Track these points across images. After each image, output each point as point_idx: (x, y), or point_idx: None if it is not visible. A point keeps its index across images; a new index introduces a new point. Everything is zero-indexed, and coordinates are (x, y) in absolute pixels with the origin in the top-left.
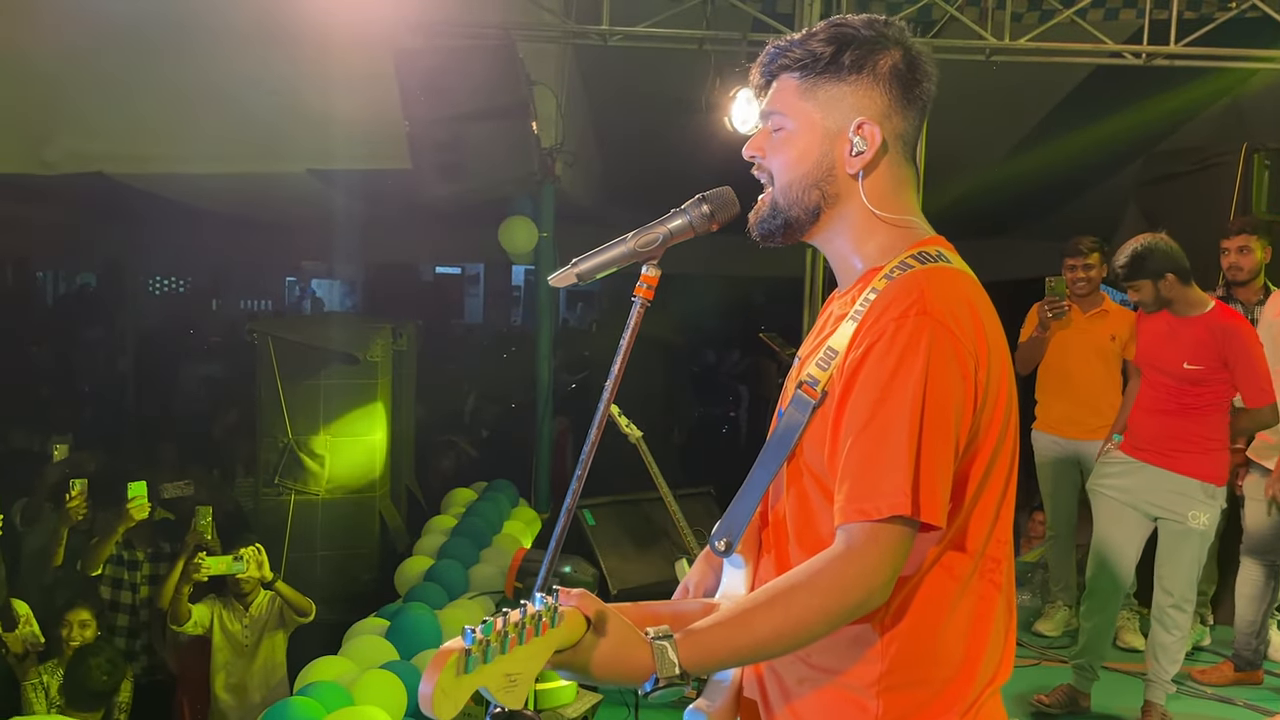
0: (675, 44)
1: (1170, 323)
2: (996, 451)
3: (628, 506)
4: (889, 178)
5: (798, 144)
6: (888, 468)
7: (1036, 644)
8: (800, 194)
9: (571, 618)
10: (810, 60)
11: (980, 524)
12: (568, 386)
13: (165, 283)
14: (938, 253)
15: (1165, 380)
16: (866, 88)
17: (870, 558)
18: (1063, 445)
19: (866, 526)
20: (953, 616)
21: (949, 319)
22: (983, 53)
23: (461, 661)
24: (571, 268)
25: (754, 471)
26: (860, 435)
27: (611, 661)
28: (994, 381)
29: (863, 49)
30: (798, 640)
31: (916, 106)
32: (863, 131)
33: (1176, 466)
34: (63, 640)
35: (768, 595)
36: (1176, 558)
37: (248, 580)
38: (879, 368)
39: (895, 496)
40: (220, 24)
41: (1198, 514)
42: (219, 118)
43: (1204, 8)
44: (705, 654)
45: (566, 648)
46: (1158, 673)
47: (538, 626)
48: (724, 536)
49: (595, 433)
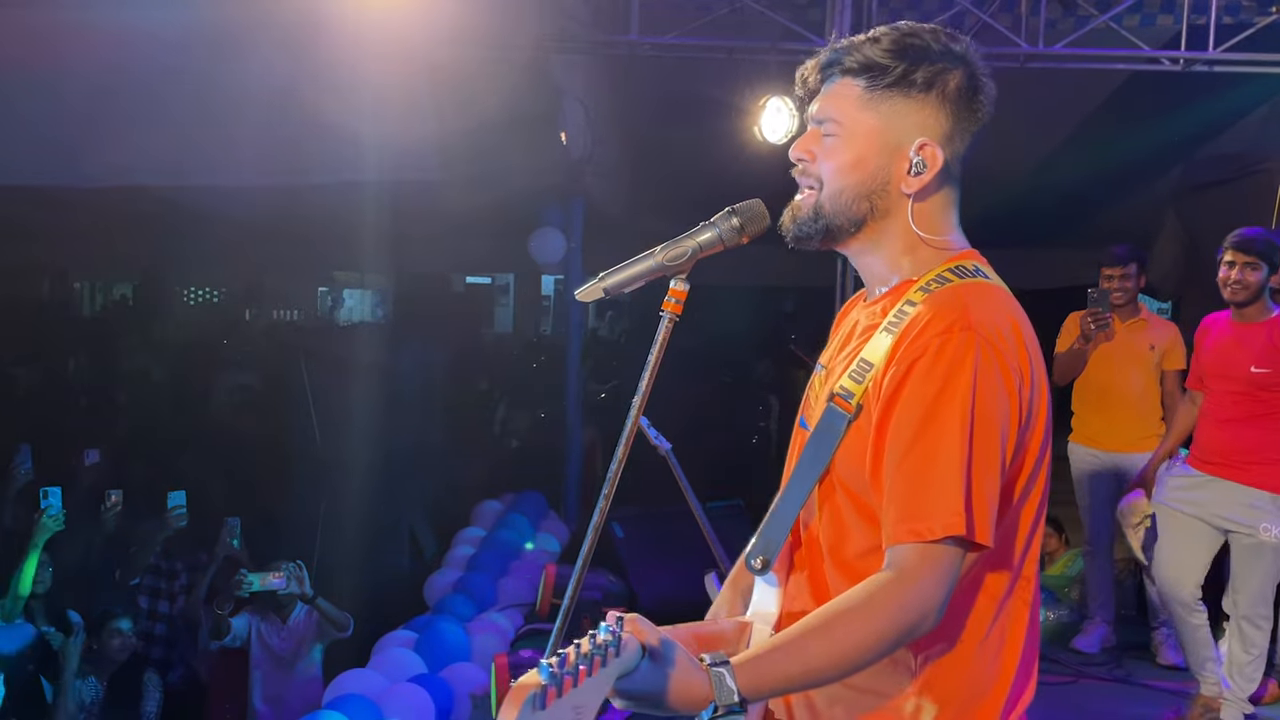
0: (704, 53)
1: (1236, 329)
2: (1036, 469)
3: (657, 519)
4: (939, 200)
5: (853, 151)
6: (939, 487)
7: (1074, 661)
8: (850, 203)
9: (629, 644)
10: (878, 71)
11: (1017, 542)
12: (597, 397)
13: (200, 293)
14: (975, 267)
15: (1232, 388)
16: (933, 107)
17: (925, 580)
18: (1101, 458)
19: (919, 548)
20: (988, 636)
21: (993, 334)
22: (1017, 59)
23: (539, 697)
24: (599, 282)
25: (788, 487)
26: (908, 454)
27: (671, 690)
28: (1037, 397)
29: (934, 67)
30: (853, 666)
31: (975, 128)
32: (925, 152)
33: (1246, 479)
34: (97, 651)
35: (821, 620)
36: (1249, 572)
37: (287, 595)
38: (924, 385)
39: (949, 517)
40: (252, 36)
41: (1269, 526)
42: (252, 130)
43: (1242, 13)
44: (762, 680)
45: (625, 675)
46: (1234, 691)
47: (605, 657)
48: (760, 555)
49: (623, 448)
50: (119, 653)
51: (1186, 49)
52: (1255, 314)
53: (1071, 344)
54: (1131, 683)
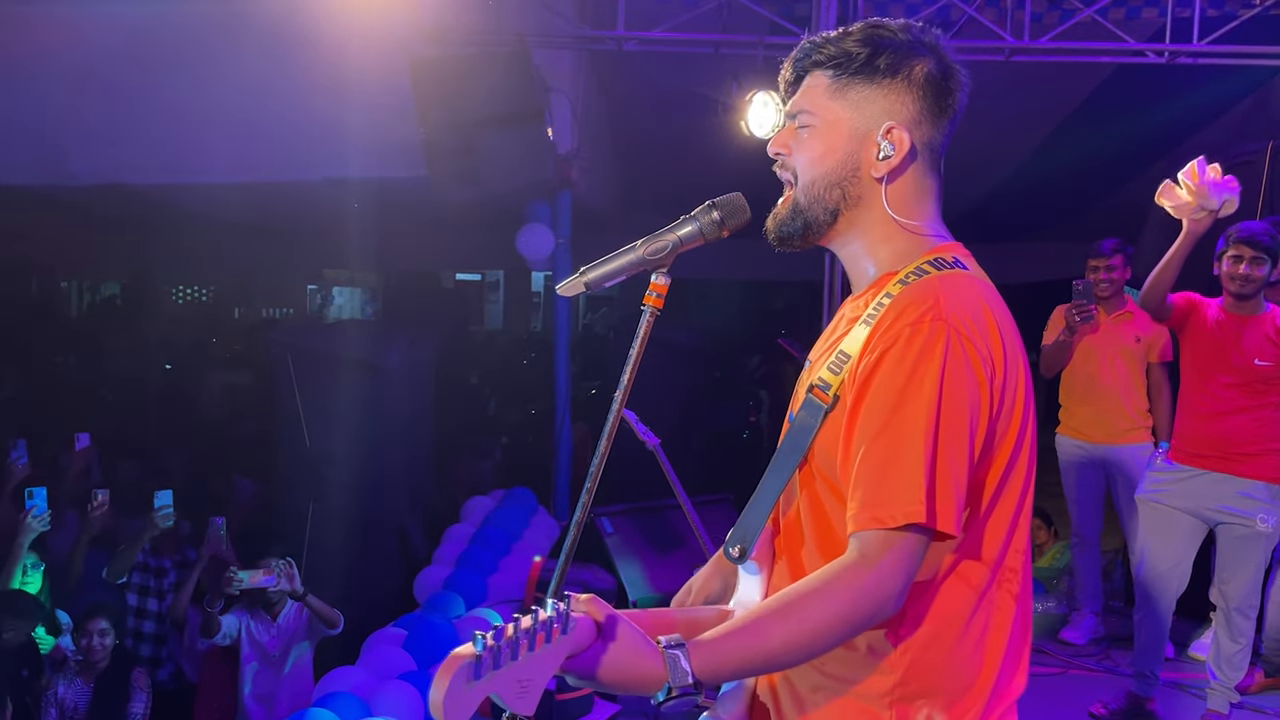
0: (691, 48)
1: (1235, 321)
2: (1013, 459)
3: (646, 514)
4: (913, 185)
5: (823, 141)
6: (902, 475)
7: (1063, 652)
8: (822, 191)
9: (582, 624)
10: (844, 59)
11: (997, 533)
12: (588, 392)
13: (188, 291)
14: (954, 259)
15: (1229, 381)
16: (899, 92)
17: (884, 566)
18: (1088, 449)
19: (880, 534)
20: (969, 627)
21: (964, 325)
22: (1003, 53)
23: (472, 667)
24: (579, 276)
25: (766, 477)
26: (874, 442)
27: (623, 669)
28: (1010, 388)
29: (899, 53)
30: (811, 649)
31: (947, 116)
32: (891, 136)
33: (1241, 470)
34: (83, 649)
35: (780, 604)
36: (1239, 562)
37: (277, 592)
38: (893, 374)
39: (910, 504)
40: (237, 34)
41: (1265, 517)
42: (238, 128)
43: (1227, 5)
44: (718, 663)
45: (577, 653)
46: (1222, 681)
47: (549, 633)
48: (738, 543)
49: (605, 444)
50: (99, 654)
51: (1171, 41)
52: (1253, 308)
53: (1057, 336)
54: (1119, 674)
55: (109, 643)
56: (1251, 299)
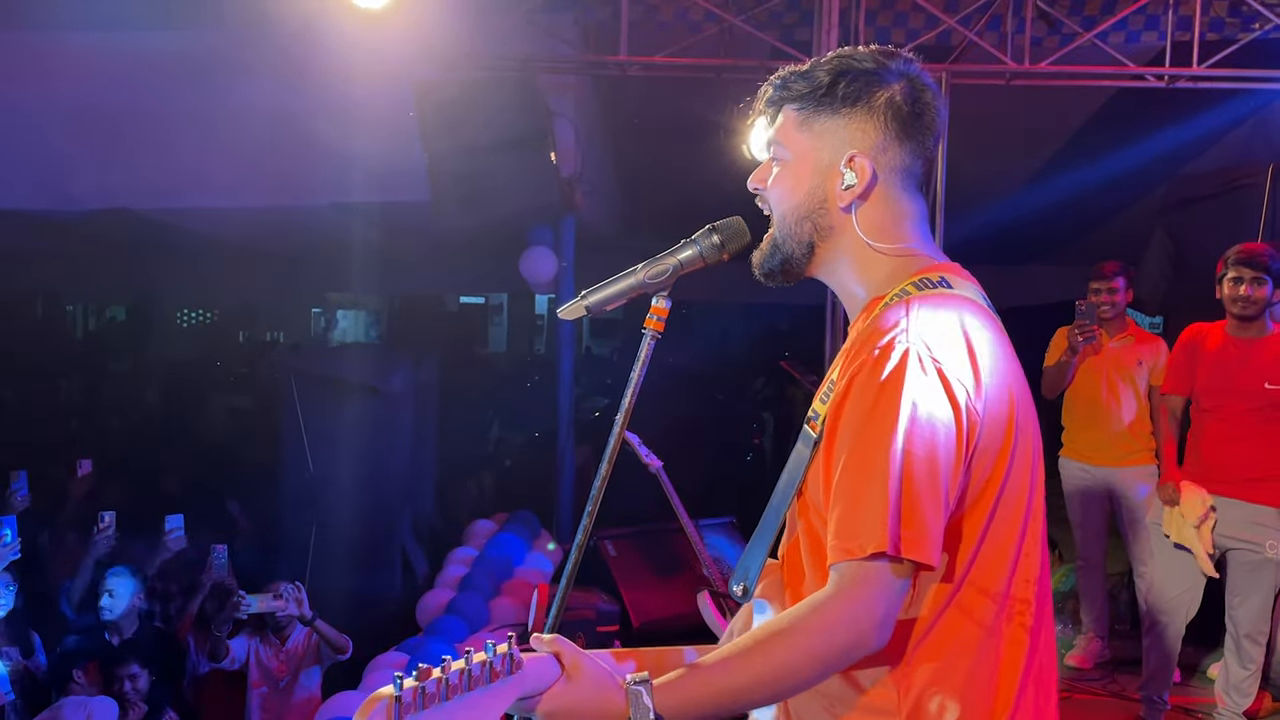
0: (693, 73)
1: (1240, 345)
2: (1005, 485)
3: (650, 537)
4: (885, 210)
5: (793, 175)
6: (867, 504)
7: (1068, 676)
8: (794, 225)
9: (543, 663)
10: (809, 92)
11: (998, 563)
12: (591, 415)
13: (193, 315)
14: (940, 278)
15: (1247, 405)
16: (860, 121)
17: (858, 598)
18: (1091, 473)
19: (852, 565)
20: (978, 663)
21: (932, 345)
22: (1003, 77)
23: (391, 709)
24: (580, 300)
25: (766, 513)
26: (844, 471)
27: (583, 708)
28: (992, 410)
29: (859, 81)
30: (782, 686)
31: (917, 139)
32: (853, 164)
33: (1253, 496)
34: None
35: (751, 640)
36: (1249, 589)
37: (286, 617)
38: (859, 400)
39: (874, 533)
40: (244, 60)
41: (1275, 542)
42: (243, 152)
43: (1226, 29)
44: (681, 699)
45: (534, 694)
46: (1231, 708)
47: (487, 675)
48: (740, 581)
49: (606, 466)
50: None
51: (1171, 65)
52: (1258, 330)
53: (1059, 357)
54: (1125, 697)
55: (143, 686)
56: (1255, 320)
